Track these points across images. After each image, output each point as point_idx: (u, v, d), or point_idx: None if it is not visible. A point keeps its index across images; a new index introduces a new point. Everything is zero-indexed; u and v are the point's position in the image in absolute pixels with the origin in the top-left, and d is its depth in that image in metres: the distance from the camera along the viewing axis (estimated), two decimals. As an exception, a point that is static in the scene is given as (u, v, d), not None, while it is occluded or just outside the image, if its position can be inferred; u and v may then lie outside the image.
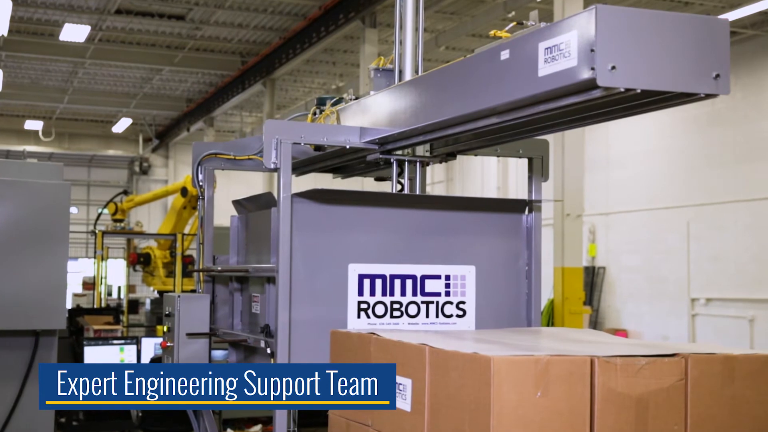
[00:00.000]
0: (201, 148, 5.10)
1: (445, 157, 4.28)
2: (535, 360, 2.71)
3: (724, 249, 15.53)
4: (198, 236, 5.18)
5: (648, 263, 17.34)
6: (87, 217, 27.50)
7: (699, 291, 16.07)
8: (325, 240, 4.15)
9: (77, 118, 27.31)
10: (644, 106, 3.12)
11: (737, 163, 15.30)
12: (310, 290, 4.15)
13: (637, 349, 2.98)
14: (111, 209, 18.09)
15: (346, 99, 4.56)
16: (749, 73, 15.05)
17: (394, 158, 4.13)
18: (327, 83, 21.53)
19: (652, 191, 17.21)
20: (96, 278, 14.37)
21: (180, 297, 4.82)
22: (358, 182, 5.95)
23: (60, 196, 5.30)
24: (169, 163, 30.06)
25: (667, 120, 16.50)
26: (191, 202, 15.15)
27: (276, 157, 4.04)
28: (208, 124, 23.92)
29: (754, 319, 14.84)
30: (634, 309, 17.78)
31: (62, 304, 5.28)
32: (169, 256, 16.67)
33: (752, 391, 2.98)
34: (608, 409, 2.76)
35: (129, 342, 9.17)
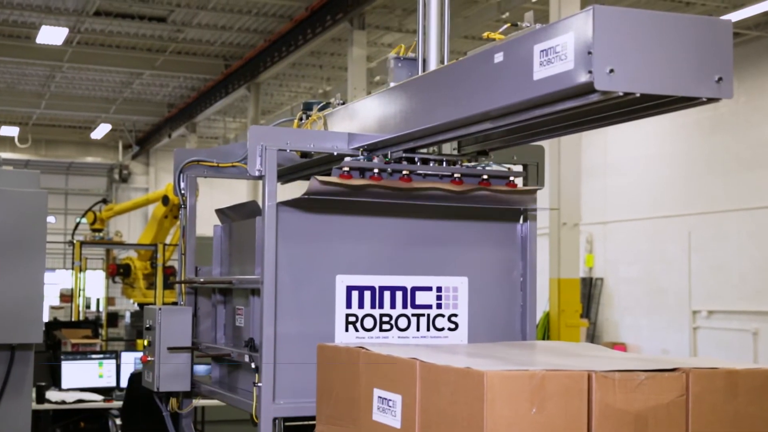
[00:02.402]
0: (183, 155, 5.09)
1: (476, 155, 4.16)
2: (530, 375, 2.70)
3: (726, 259, 15.56)
4: (180, 246, 5.17)
5: (647, 274, 17.37)
6: (65, 227, 27.44)
7: (700, 303, 16.10)
8: (312, 250, 4.14)
9: (54, 124, 27.27)
10: (644, 110, 3.13)
11: (740, 169, 15.34)
12: (297, 303, 4.14)
13: (636, 364, 2.98)
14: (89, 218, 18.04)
15: (333, 104, 4.56)
16: (753, 77, 15.11)
17: (419, 157, 4.03)
18: (314, 87, 21.54)
19: (651, 199, 17.25)
20: (74, 290, 14.33)
21: (161, 310, 4.81)
22: (347, 190, 5.93)
23: (37, 204, 5.28)
24: (149, 170, 30.02)
25: (667, 125, 16.55)
26: (173, 211, 15.12)
27: (261, 164, 4.03)
28: (191, 130, 23.91)
29: (757, 332, 14.86)
30: (632, 322, 17.81)
31: (39, 317, 5.26)
32: (149, 267, 16.62)
33: (756, 408, 2.97)
34: (606, 426, 2.76)
35: (108, 356, 9.14)
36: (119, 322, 17.78)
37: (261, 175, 4.03)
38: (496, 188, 4.02)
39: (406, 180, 3.91)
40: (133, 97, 23.60)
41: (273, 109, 23.56)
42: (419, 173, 3.97)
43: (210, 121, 25.41)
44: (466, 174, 4.05)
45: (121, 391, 8.65)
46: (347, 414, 3.42)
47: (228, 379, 4.87)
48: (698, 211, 16.10)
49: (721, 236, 15.65)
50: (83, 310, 14.95)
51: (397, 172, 3.92)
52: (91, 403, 8.58)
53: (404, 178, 3.91)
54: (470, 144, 4.09)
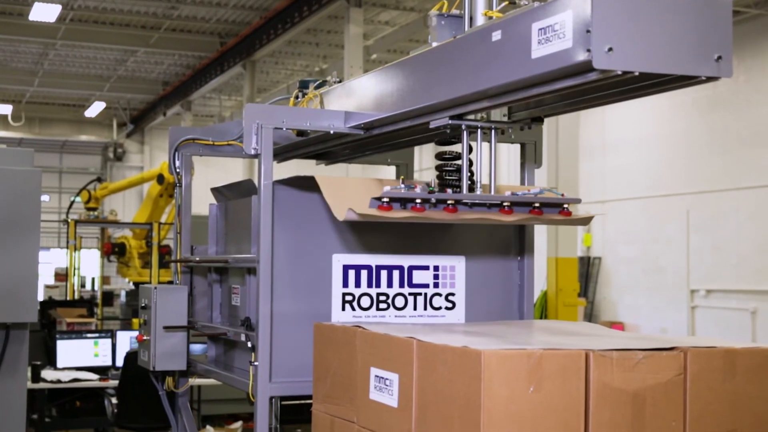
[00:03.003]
0: (178, 134, 5.09)
1: (530, 122, 3.84)
2: (527, 354, 2.72)
3: (725, 238, 15.59)
4: (175, 225, 5.18)
5: (646, 253, 17.40)
6: (59, 206, 27.40)
7: (699, 282, 16.13)
8: (309, 229, 4.15)
9: (48, 101, 27.18)
10: (642, 89, 3.13)
11: (739, 148, 15.34)
12: (293, 282, 4.15)
13: (634, 343, 3.00)
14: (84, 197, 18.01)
15: (330, 82, 4.55)
16: (752, 55, 15.08)
17: (465, 124, 3.69)
18: (310, 65, 21.48)
19: (650, 179, 17.25)
20: (69, 269, 14.34)
21: (156, 289, 4.82)
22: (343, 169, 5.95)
23: (30, 183, 5.28)
24: (144, 149, 29.97)
25: (666, 104, 16.54)
26: (168, 189, 15.11)
27: (256, 143, 4.03)
28: (186, 108, 23.85)
29: (756, 311, 14.91)
30: (631, 301, 17.85)
31: (33, 296, 5.27)
32: (145, 246, 16.63)
33: (754, 387, 2.99)
34: (604, 405, 2.77)
35: (103, 335, 9.16)
36: (114, 301, 17.82)
37: (257, 154, 4.03)
38: (549, 217, 3.81)
39: (452, 211, 3.67)
40: (127, 75, 23.53)
41: (269, 87, 23.50)
42: (465, 202, 3.72)
43: (205, 99, 25.34)
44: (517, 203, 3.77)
45: (117, 370, 8.68)
46: (344, 393, 3.44)
47: (224, 358, 4.89)
48: (697, 191, 16.11)
49: (720, 215, 15.66)
50: (78, 290, 14.97)
51: (442, 202, 3.68)
52: (86, 382, 8.61)
53: (449, 208, 3.67)
54: (521, 110, 3.77)
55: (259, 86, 21.88)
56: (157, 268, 14.08)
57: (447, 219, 3.66)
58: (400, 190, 3.66)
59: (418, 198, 3.64)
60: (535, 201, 3.77)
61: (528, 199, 3.77)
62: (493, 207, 3.75)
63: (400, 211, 3.62)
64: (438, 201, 3.68)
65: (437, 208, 3.67)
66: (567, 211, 3.84)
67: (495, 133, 3.78)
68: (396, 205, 3.64)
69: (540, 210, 3.78)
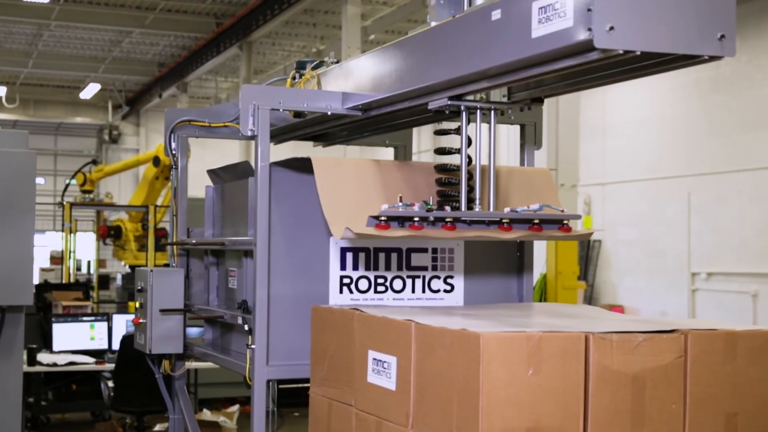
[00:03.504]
0: (174, 115, 5.08)
1: (529, 103, 3.82)
2: (526, 336, 2.72)
3: (726, 221, 15.58)
4: (171, 208, 5.18)
5: (646, 236, 17.40)
6: (54, 189, 27.39)
7: (700, 265, 16.14)
8: (306, 211, 4.15)
9: (43, 83, 27.12)
10: (644, 69, 3.12)
11: (742, 130, 15.31)
12: (290, 264, 4.15)
13: (634, 325, 3.00)
14: (79, 180, 18.01)
15: (327, 63, 4.53)
16: (756, 35, 15.02)
17: (464, 105, 3.66)
18: (307, 46, 21.41)
19: (651, 160, 17.24)
20: (64, 252, 14.35)
21: (153, 271, 4.82)
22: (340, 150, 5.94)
23: (25, 165, 5.27)
24: (140, 131, 29.92)
25: (667, 85, 16.50)
26: (164, 172, 15.10)
27: (253, 124, 4.02)
28: (182, 89, 23.79)
29: (757, 294, 14.92)
30: (631, 284, 17.87)
31: (29, 279, 5.27)
32: (141, 228, 16.63)
33: (755, 369, 3.00)
34: (603, 388, 2.78)
35: (99, 319, 9.18)
36: (110, 284, 17.83)
37: (253, 135, 4.02)
38: (549, 234, 3.82)
39: (450, 228, 3.65)
40: (122, 56, 23.46)
41: (265, 68, 23.44)
42: (464, 220, 3.70)
43: (201, 81, 25.28)
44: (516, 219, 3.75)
45: (113, 353, 8.69)
46: (342, 376, 3.45)
47: (221, 342, 4.89)
48: (698, 173, 16.09)
49: (722, 198, 15.65)
50: (74, 273, 14.98)
51: (440, 219, 3.66)
52: (82, 365, 8.63)
53: (447, 226, 3.66)
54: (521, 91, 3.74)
55: (256, 68, 21.83)
56: (153, 251, 14.09)
57: (445, 237, 3.66)
58: (398, 208, 3.63)
59: (416, 216, 3.63)
60: (534, 218, 3.76)
61: (527, 216, 3.75)
62: (492, 224, 3.74)
63: (398, 230, 3.61)
64: (436, 219, 3.66)
65: (435, 225, 3.66)
66: (567, 227, 3.84)
67: (494, 114, 3.77)
68: (394, 223, 3.63)
69: (539, 227, 3.76)
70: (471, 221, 3.72)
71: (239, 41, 19.06)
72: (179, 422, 5.24)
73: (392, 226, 3.61)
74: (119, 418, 9.90)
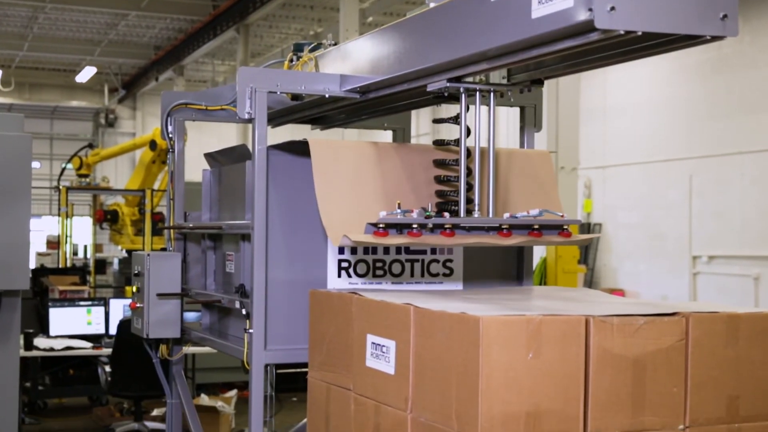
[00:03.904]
0: (170, 98, 5.07)
1: (529, 84, 3.81)
2: (526, 320, 2.71)
3: (728, 204, 15.58)
4: (168, 192, 5.17)
5: (647, 219, 17.40)
6: (50, 173, 27.34)
7: (701, 248, 16.14)
8: (304, 195, 4.14)
9: (38, 66, 27.04)
10: (645, 49, 3.10)
11: (744, 112, 15.28)
12: (288, 248, 4.15)
13: (634, 308, 3.00)
14: (75, 164, 17.97)
15: (325, 45, 4.52)
16: (759, 15, 14.97)
17: (464, 86, 3.64)
18: (304, 29, 21.34)
19: (652, 143, 17.22)
20: (61, 237, 14.33)
21: (150, 256, 4.82)
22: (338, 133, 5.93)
23: (21, 148, 5.26)
24: (136, 114, 29.86)
25: (669, 66, 16.47)
26: (161, 155, 15.07)
27: (250, 107, 4.01)
28: (178, 73, 23.72)
29: (759, 277, 14.93)
30: (631, 268, 17.88)
31: (25, 264, 5.27)
32: (137, 213, 16.61)
33: (757, 352, 3.00)
34: (604, 371, 2.78)
35: (96, 303, 9.18)
36: (107, 268, 17.83)
37: (251, 118, 4.01)
38: (548, 239, 3.82)
39: (449, 235, 3.65)
40: (118, 39, 23.38)
41: (263, 51, 23.37)
42: (463, 227, 3.70)
43: (198, 64, 25.20)
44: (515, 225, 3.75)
45: (110, 338, 8.70)
46: (340, 360, 3.45)
47: (218, 326, 4.89)
48: (700, 155, 16.07)
49: (723, 180, 15.64)
50: (70, 257, 14.97)
51: (438, 226, 3.65)
52: (79, 350, 8.63)
53: (446, 232, 3.65)
54: (521, 72, 3.74)
55: (253, 50, 21.76)
56: (150, 235, 14.07)
57: (444, 244, 3.66)
58: (396, 215, 3.63)
59: (415, 223, 3.62)
60: (534, 223, 3.76)
61: (527, 222, 3.75)
62: (491, 230, 3.74)
63: (397, 237, 3.61)
64: (435, 226, 3.65)
65: (434, 232, 3.65)
66: (567, 233, 3.84)
67: (494, 95, 3.76)
68: (392, 230, 3.62)
69: (539, 232, 3.76)
70: (470, 227, 3.71)
71: (236, 24, 18.99)
72: (177, 407, 5.25)
73: (390, 233, 3.61)
74: (116, 402, 9.92)
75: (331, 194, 3.85)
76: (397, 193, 4.00)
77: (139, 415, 8.81)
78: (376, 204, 3.87)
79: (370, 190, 3.95)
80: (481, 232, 3.73)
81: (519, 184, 4.20)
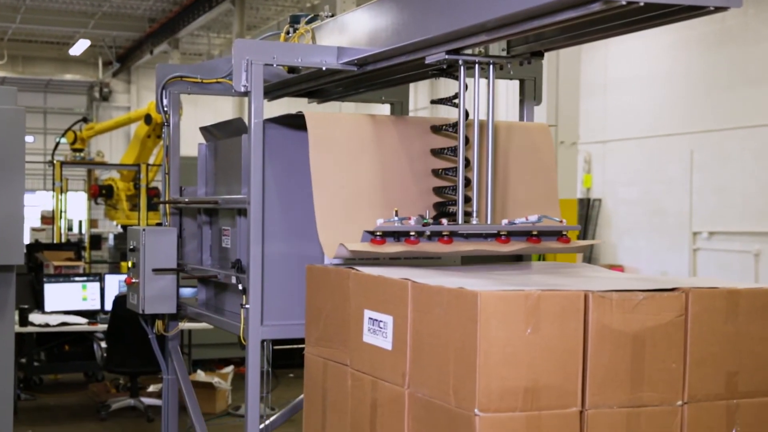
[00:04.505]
0: (165, 71, 5.06)
1: (529, 57, 3.77)
2: (525, 295, 2.72)
3: (729, 179, 15.57)
4: (163, 166, 5.17)
5: (647, 195, 17.40)
6: (44, 147, 27.31)
7: (701, 224, 16.15)
8: (301, 169, 4.13)
9: (31, 39, 26.92)
10: (647, 21, 3.09)
11: (746, 86, 15.24)
12: (285, 223, 4.15)
13: (634, 284, 3.00)
14: (70, 138, 17.94)
15: (321, 17, 4.51)
16: (763, -13, 14.91)
17: (462, 59, 3.60)
18: (301, 1, 21.27)
19: (653, 117, 17.19)
20: (55, 212, 14.34)
21: (145, 231, 4.82)
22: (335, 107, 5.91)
23: (14, 122, 5.24)
24: (131, 88, 29.78)
25: (671, 40, 16.42)
26: (156, 130, 15.06)
27: (246, 80, 4.00)
28: (173, 46, 23.64)
29: (759, 253, 14.94)
30: (631, 244, 17.90)
31: (19, 238, 5.26)
32: (132, 188, 16.60)
33: (756, 327, 3.00)
34: (603, 347, 2.78)
35: (92, 279, 9.20)
36: (102, 244, 17.83)
37: (247, 92, 4.00)
38: (547, 245, 3.81)
39: (447, 242, 3.63)
40: (112, 12, 23.28)
41: (259, 24, 23.28)
42: (461, 234, 3.68)
43: (193, 37, 25.11)
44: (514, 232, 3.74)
45: (106, 314, 8.72)
46: (337, 336, 3.45)
47: (215, 302, 4.90)
48: (701, 129, 16.05)
49: (725, 155, 15.62)
50: (65, 233, 14.98)
51: (436, 233, 3.63)
52: (75, 326, 8.65)
53: (443, 239, 3.64)
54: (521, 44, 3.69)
55: (249, 23, 21.70)
56: (146, 210, 14.08)
57: (442, 251, 3.64)
58: (394, 223, 3.60)
59: (413, 231, 3.59)
60: (533, 230, 3.75)
61: (525, 228, 3.74)
62: (489, 237, 3.73)
63: (394, 245, 3.58)
64: (433, 233, 3.63)
65: (432, 239, 3.63)
66: (566, 238, 3.84)
67: (493, 68, 3.74)
68: (390, 238, 3.59)
69: (538, 238, 3.76)
70: (468, 234, 3.71)
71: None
72: (173, 383, 5.27)
73: (388, 241, 3.58)
74: (112, 378, 9.96)
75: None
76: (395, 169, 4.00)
77: (135, 392, 8.85)
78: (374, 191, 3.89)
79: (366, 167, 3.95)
80: (480, 239, 3.72)
81: (518, 162, 4.20)
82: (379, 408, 3.13)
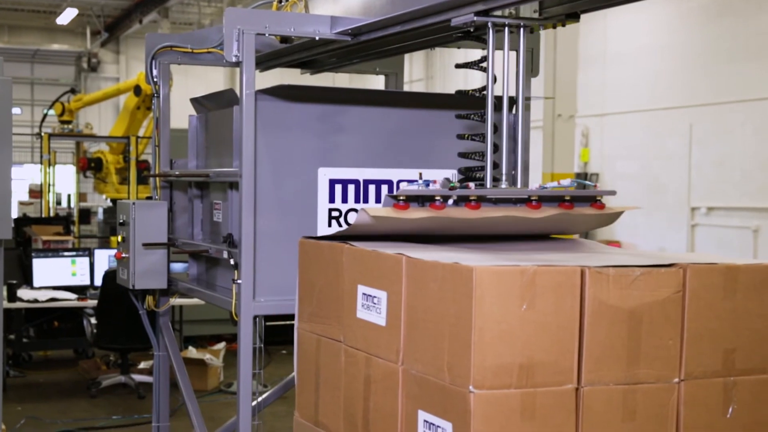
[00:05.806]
0: (155, 41, 5.04)
1: (564, 19, 3.55)
2: (520, 270, 2.72)
3: (729, 154, 15.57)
4: (153, 138, 5.16)
5: (646, 170, 17.40)
6: (31, 119, 27.21)
7: (700, 199, 16.17)
8: (293, 142, 4.13)
9: (17, 8, 26.76)
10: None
11: (748, 58, 15.21)
12: (277, 197, 4.15)
13: (631, 259, 3.01)
14: (57, 110, 17.88)
15: (315, -15, 4.49)
16: (765, -44, 14.87)
17: (492, 21, 3.41)
18: (295, -30, 21.17)
19: (652, 91, 17.17)
20: (43, 185, 14.32)
21: (135, 205, 4.82)
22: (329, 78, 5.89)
23: (1, 93, 5.22)
24: (120, 59, 29.65)
25: (671, 11, 16.39)
26: (145, 101, 15.02)
27: (238, 50, 3.99)
28: (163, 15, 23.52)
29: (758, 229, 14.98)
30: (629, 219, 17.90)
31: (7, 213, 5.26)
32: (122, 161, 16.57)
33: (755, 304, 3.01)
34: (599, 323, 2.79)
35: (81, 254, 9.19)
36: (92, 218, 17.82)
37: (238, 62, 3.99)
38: (580, 212, 3.58)
39: (474, 207, 3.40)
40: (100, -21, 23.17)
41: (251, -8, 23.20)
42: (489, 198, 3.46)
43: (183, 6, 24.99)
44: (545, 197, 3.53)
45: (96, 289, 8.72)
46: (330, 311, 3.46)
47: (206, 277, 4.91)
48: (701, 103, 16.03)
49: (725, 129, 15.61)
50: (54, 207, 14.96)
51: (463, 198, 3.40)
52: (64, 301, 8.66)
53: (471, 204, 3.41)
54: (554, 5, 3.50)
55: (241, -8, 21.60)
56: (135, 183, 14.06)
57: (469, 217, 3.43)
58: (418, 187, 3.43)
59: (438, 195, 3.38)
60: (565, 194, 3.54)
61: (558, 193, 3.54)
62: (519, 202, 3.54)
63: (418, 210, 3.37)
64: (459, 198, 3.41)
65: (458, 204, 3.43)
66: (600, 204, 3.62)
67: (524, 32, 3.55)
68: (413, 203, 3.38)
69: (571, 204, 3.55)
70: (497, 199, 3.51)
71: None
72: (164, 359, 5.28)
73: (411, 206, 3.37)
74: (103, 355, 9.98)
75: None
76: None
77: (125, 368, 8.87)
78: None
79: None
80: (509, 204, 3.52)
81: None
82: (373, 384, 3.15)
